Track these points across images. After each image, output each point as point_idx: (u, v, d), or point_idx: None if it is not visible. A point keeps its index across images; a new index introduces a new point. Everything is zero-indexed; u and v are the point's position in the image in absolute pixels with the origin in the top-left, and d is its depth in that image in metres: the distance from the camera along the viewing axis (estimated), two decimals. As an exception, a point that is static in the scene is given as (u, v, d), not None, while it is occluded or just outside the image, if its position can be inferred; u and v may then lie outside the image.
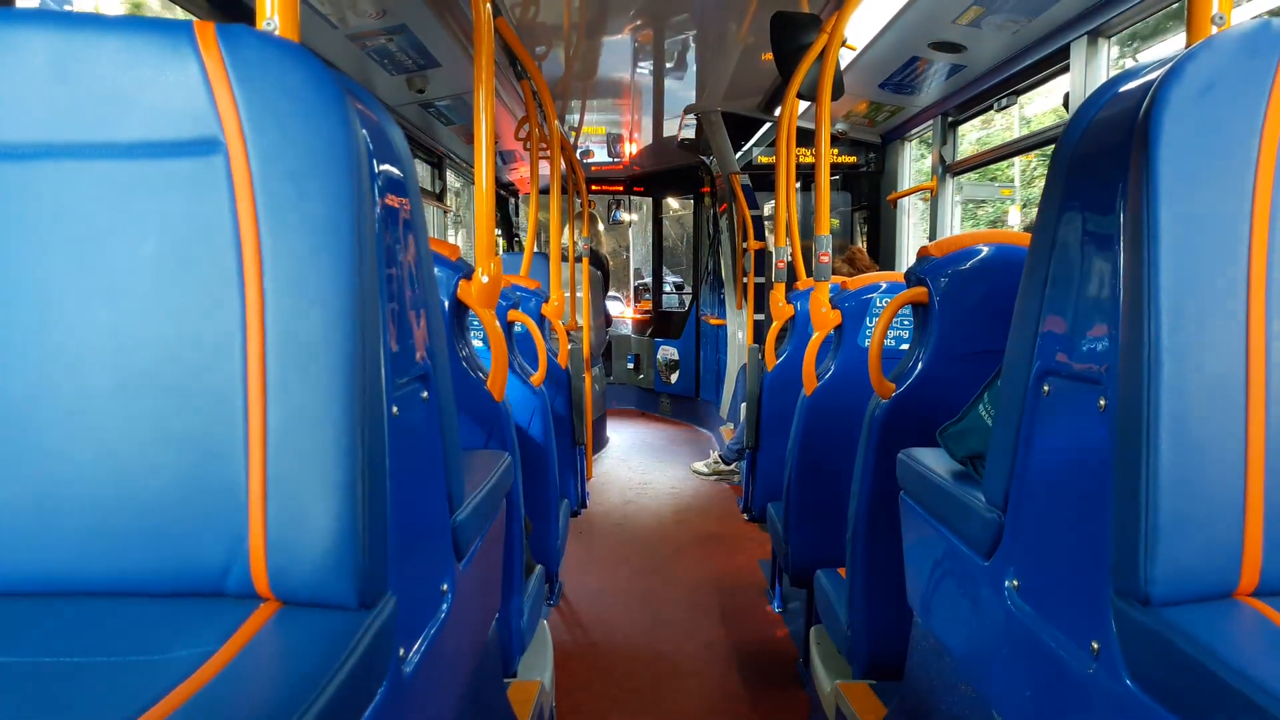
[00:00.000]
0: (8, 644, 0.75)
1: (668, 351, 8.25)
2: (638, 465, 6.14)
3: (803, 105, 3.82)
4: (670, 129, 6.41)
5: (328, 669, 0.70)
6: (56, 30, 0.81)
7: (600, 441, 6.65)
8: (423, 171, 5.59)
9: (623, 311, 9.22)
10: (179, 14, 2.58)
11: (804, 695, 2.58)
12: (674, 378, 8.15)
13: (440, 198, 5.65)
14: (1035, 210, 1.07)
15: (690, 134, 6.12)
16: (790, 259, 3.52)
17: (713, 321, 7.17)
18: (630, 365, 8.72)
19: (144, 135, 0.81)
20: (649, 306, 9.04)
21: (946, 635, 1.28)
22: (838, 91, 2.95)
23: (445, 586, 1.10)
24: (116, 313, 0.81)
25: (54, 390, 0.82)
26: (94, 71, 0.81)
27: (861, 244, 5.45)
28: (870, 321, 2.52)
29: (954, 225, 4.44)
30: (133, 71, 0.81)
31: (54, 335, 0.82)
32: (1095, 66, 2.99)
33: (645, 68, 4.83)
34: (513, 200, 8.20)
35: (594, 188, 8.36)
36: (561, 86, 5.10)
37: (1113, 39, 2.97)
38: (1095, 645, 0.83)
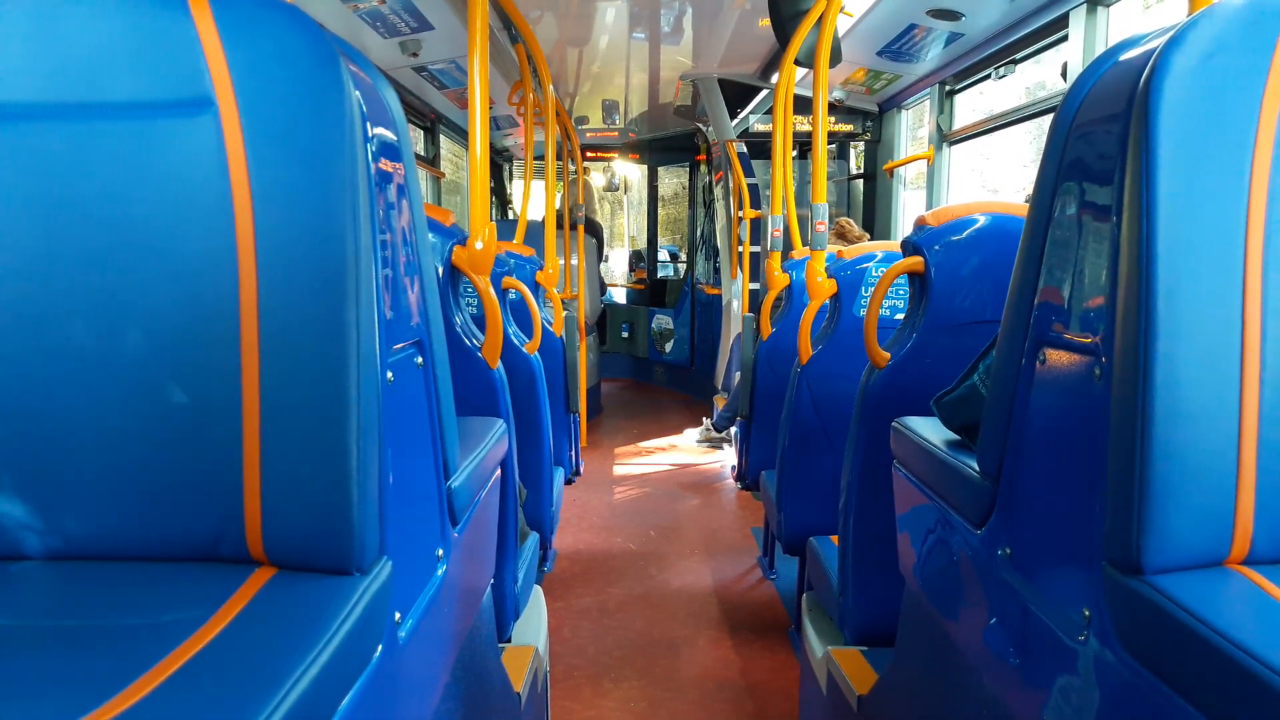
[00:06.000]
0: (4, 608, 0.75)
1: (662, 320, 8.23)
2: (631, 433, 6.16)
3: (800, 72, 3.79)
4: (666, 96, 6.35)
5: (324, 633, 0.70)
6: None
7: (594, 410, 6.66)
8: (416, 136, 5.54)
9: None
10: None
11: (795, 661, 2.61)
12: (668, 347, 8.14)
13: (434, 163, 5.61)
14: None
15: (686, 101, 6.07)
16: (786, 227, 3.50)
17: (708, 290, 7.16)
18: (625, 334, 8.72)
19: (134, 95, 0.80)
20: (644, 275, 9.01)
21: (938, 603, 1.29)
22: (835, 58, 2.92)
23: (440, 552, 1.10)
24: (107, 275, 0.81)
25: (45, 355, 0.81)
26: (83, 30, 0.80)
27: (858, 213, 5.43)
28: (866, 291, 2.52)
29: (951, 195, 4.42)
30: (122, 30, 0.80)
31: (44, 299, 0.81)
32: (1094, 35, 2.97)
33: (641, 33, 4.78)
34: (507, 167, 8.13)
35: (589, 154, 8.30)
36: (556, 51, 5.04)
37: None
38: (1087, 613, 0.84)
